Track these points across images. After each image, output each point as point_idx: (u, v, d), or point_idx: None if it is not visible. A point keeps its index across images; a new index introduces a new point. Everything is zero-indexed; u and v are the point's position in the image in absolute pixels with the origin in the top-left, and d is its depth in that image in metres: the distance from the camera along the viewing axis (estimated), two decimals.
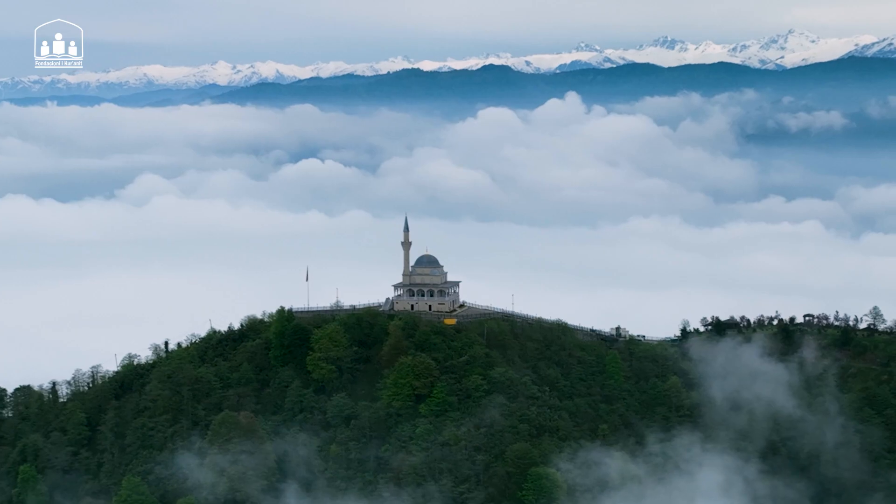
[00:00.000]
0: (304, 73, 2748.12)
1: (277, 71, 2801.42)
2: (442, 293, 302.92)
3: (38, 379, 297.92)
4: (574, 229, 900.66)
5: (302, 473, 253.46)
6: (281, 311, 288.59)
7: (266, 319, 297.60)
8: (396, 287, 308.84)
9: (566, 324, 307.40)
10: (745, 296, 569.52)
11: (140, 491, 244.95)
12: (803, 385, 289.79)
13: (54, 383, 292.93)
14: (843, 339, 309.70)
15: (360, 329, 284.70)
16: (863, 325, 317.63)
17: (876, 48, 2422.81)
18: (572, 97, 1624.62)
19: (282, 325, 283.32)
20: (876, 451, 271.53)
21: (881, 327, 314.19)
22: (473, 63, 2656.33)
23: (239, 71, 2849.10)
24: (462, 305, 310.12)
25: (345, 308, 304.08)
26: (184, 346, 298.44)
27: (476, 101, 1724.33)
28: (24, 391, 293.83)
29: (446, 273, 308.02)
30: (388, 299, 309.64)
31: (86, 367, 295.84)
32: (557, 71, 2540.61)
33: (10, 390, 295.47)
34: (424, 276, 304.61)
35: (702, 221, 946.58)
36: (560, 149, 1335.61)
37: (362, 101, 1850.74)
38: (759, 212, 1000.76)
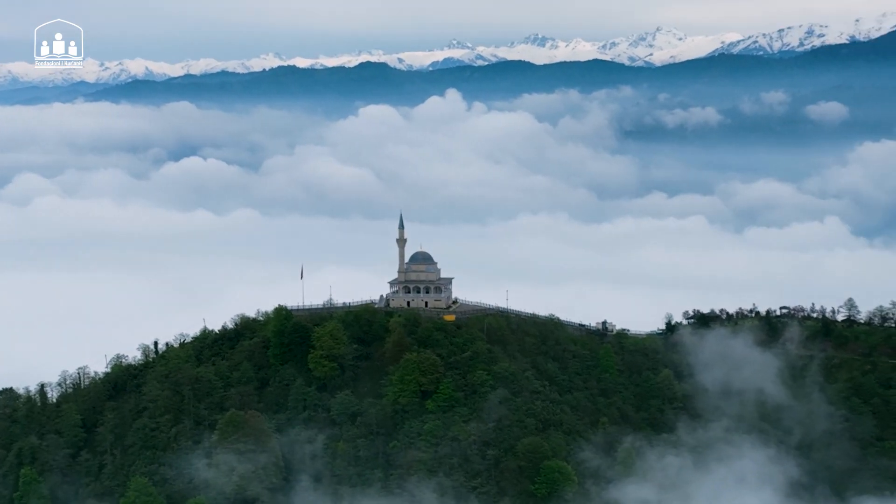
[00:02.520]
0: (175, 70, 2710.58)
1: (147, 68, 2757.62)
2: (438, 290, 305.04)
3: None
4: (464, 226, 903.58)
5: (310, 471, 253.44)
6: (279, 309, 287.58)
7: (260, 318, 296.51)
8: (392, 284, 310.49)
9: (559, 319, 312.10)
10: (642, 291, 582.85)
11: (148, 492, 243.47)
12: (790, 375, 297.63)
13: (42, 385, 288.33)
14: (824, 330, 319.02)
15: (359, 326, 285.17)
16: (840, 317, 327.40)
17: (742, 45, 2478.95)
18: (453, 94, 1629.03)
19: (281, 323, 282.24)
20: (866, 439, 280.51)
21: (861, 319, 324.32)
22: (346, 60, 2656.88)
23: (107, 68, 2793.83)
24: (455, 302, 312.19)
25: (338, 306, 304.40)
26: (175, 346, 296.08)
27: (355, 99, 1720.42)
28: (8, 393, 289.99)
29: (440, 269, 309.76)
30: (382, 296, 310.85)
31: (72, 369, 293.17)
32: (431, 68, 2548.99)
33: None
34: (420, 272, 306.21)
35: (589, 217, 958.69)
36: (443, 146, 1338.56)
37: (239, 99, 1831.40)
38: (643, 207, 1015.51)
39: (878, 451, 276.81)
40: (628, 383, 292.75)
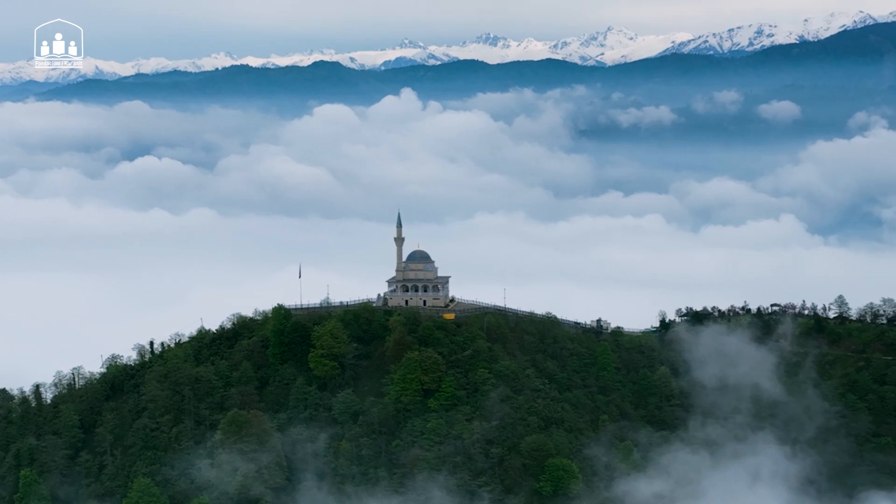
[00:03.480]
0: (125, 69, 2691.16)
1: (97, 67, 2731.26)
2: (436, 288, 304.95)
3: None
4: (422, 225, 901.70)
5: (312, 471, 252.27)
6: (278, 308, 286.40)
7: (257, 318, 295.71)
8: (390, 282, 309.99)
9: (556, 317, 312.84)
10: (606, 289, 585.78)
11: (151, 492, 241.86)
12: (786, 372, 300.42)
13: (38, 385, 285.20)
14: (816, 327, 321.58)
15: (358, 325, 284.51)
16: (832, 314, 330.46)
17: (692, 45, 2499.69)
18: (408, 94, 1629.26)
19: (280, 322, 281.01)
20: (862, 435, 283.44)
21: (853, 316, 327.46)
22: (298, 59, 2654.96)
23: (56, 67, 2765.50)
24: (453, 300, 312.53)
25: (335, 305, 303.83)
26: (170, 346, 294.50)
27: (308, 98, 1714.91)
28: (1, 394, 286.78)
29: (437, 268, 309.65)
30: (379, 295, 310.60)
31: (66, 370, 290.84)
32: (383, 67, 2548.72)
33: None
34: (418, 271, 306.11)
35: (546, 216, 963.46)
36: (399, 145, 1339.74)
37: (192, 98, 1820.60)
38: (599, 206, 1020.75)
39: (875, 447, 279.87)
40: (626, 381, 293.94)
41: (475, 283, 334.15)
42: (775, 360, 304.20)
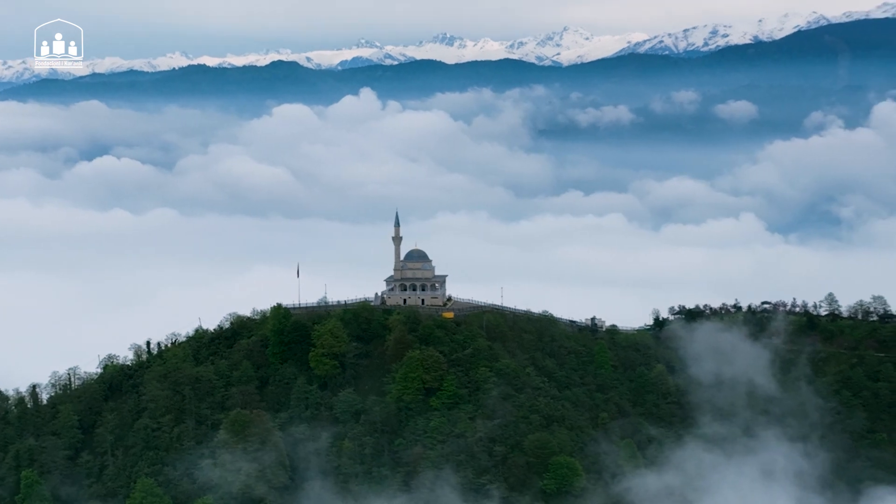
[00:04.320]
0: (80, 68, 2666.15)
1: (51, 66, 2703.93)
2: (434, 287, 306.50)
3: None
4: (385, 225, 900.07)
5: (315, 470, 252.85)
6: (277, 308, 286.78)
7: (255, 317, 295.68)
8: (388, 281, 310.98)
9: (552, 315, 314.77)
10: (577, 288, 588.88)
11: (155, 493, 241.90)
12: (781, 370, 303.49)
13: (34, 386, 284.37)
14: (809, 324, 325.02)
15: (357, 324, 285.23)
16: (823, 312, 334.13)
17: (648, 45, 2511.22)
18: (367, 93, 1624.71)
19: (279, 322, 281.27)
20: (857, 431, 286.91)
21: (843, 314, 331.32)
22: (255, 59, 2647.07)
23: (10, 66, 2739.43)
24: (450, 299, 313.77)
25: (331, 304, 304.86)
26: (168, 346, 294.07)
27: (266, 98, 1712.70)
28: None
29: (434, 267, 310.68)
30: (377, 294, 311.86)
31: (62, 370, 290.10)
32: (340, 67, 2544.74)
33: None
34: (416, 270, 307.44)
35: (508, 216, 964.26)
36: (359, 145, 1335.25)
37: (150, 98, 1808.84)
38: (560, 206, 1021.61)
39: (870, 444, 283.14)
40: (623, 379, 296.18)
41: (455, 283, 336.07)
42: (770, 358, 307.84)
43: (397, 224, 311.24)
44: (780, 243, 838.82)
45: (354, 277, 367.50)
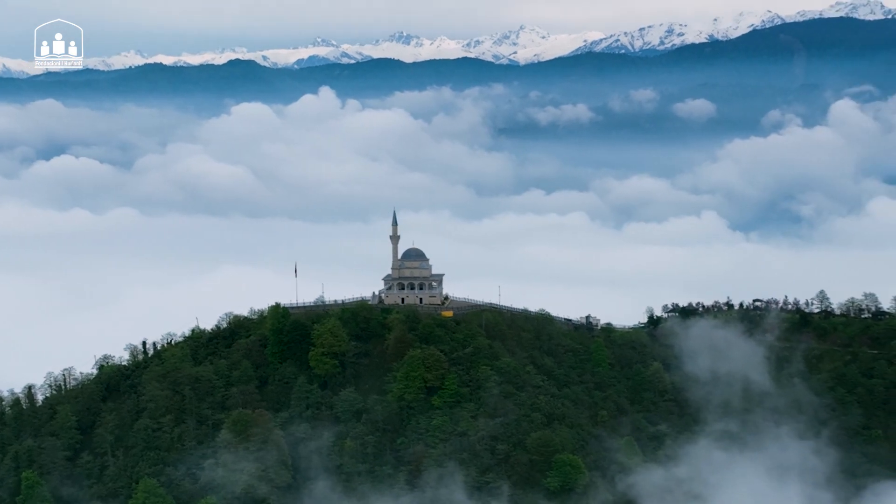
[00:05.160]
0: (33, 67, 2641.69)
1: (4, 65, 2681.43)
2: (432, 286, 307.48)
3: None
4: (347, 224, 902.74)
5: (317, 469, 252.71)
6: (276, 307, 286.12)
7: (253, 317, 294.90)
8: (386, 280, 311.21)
9: (549, 314, 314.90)
10: (549, 287, 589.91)
11: (157, 493, 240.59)
12: (776, 367, 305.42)
13: (30, 387, 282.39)
14: (802, 322, 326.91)
15: (356, 323, 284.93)
16: (815, 309, 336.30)
17: (604, 44, 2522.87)
18: (326, 92, 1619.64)
19: (278, 321, 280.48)
20: (853, 428, 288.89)
21: (836, 311, 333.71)
22: (211, 58, 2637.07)
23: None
24: (447, 298, 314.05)
25: (329, 303, 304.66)
26: (165, 346, 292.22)
27: (224, 97, 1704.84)
28: None
29: (431, 266, 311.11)
30: (374, 293, 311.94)
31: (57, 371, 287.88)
32: (297, 66, 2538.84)
33: None
34: (413, 269, 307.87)
35: (471, 215, 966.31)
36: (319, 144, 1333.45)
37: (106, 97, 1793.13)
38: (522, 204, 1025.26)
39: (865, 440, 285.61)
40: (620, 376, 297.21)
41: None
42: (765, 355, 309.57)
43: (395, 223, 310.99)
44: (741, 241, 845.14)
45: (348, 277, 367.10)
